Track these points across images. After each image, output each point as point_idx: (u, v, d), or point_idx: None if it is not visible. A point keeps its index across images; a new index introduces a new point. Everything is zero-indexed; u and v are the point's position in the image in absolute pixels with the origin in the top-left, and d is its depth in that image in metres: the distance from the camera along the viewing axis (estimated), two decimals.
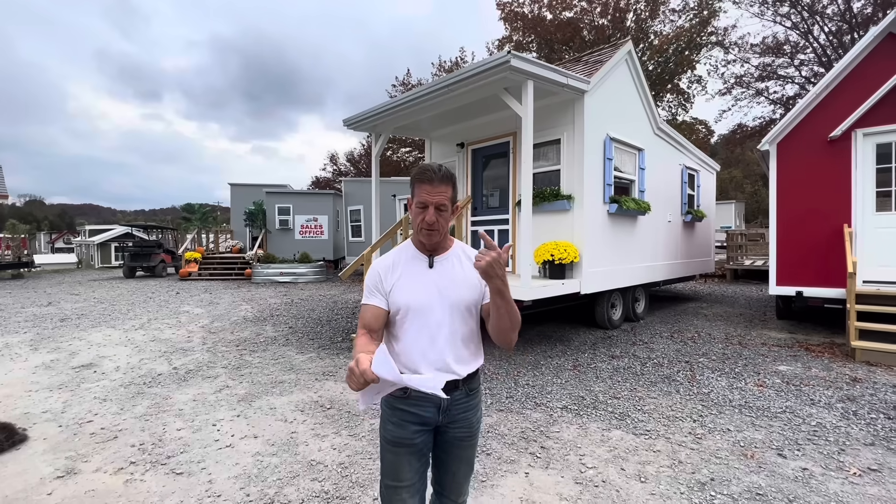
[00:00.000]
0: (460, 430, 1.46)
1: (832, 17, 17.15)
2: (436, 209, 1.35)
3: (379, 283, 1.43)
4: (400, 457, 1.42)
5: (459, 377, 1.42)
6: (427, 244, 1.43)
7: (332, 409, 3.62)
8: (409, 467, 1.42)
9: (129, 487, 2.53)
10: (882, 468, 2.63)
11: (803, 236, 6.17)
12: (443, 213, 1.37)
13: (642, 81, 6.97)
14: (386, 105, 6.16)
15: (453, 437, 1.46)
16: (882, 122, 5.66)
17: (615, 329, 6.63)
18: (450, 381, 1.39)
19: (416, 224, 1.39)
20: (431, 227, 1.36)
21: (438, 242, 1.43)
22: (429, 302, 1.39)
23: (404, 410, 1.42)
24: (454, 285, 1.41)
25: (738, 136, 22.58)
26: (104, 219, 74.62)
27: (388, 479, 1.44)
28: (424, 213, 1.36)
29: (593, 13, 18.77)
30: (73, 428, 3.33)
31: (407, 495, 1.42)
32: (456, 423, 1.45)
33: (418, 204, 1.37)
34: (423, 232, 1.39)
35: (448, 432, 1.46)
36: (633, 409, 3.59)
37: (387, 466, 1.45)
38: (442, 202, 1.35)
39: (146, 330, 6.91)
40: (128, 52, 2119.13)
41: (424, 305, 1.39)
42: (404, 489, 1.42)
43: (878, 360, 4.73)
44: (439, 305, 1.39)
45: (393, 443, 1.42)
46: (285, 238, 17.17)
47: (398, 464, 1.42)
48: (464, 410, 1.45)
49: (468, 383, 1.45)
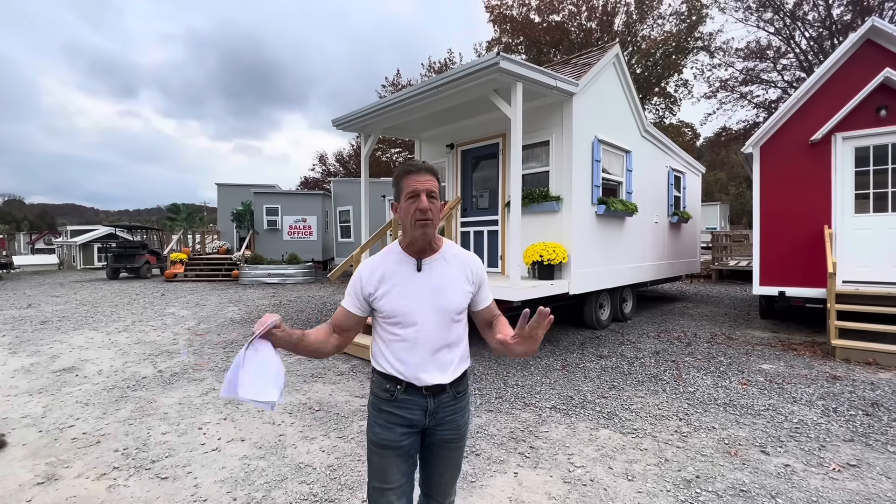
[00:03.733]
0: (448, 432, 1.45)
1: (813, 23, 17.57)
2: (427, 195, 1.32)
3: (358, 289, 1.42)
4: (387, 459, 1.41)
5: (446, 381, 1.41)
6: (421, 240, 1.38)
7: (321, 412, 3.60)
8: (397, 469, 1.41)
9: (112, 493, 2.48)
10: (860, 464, 2.70)
11: (785, 237, 6.30)
12: (433, 201, 1.34)
13: (630, 84, 7.06)
14: (375, 105, 6.14)
15: (440, 439, 1.45)
16: (860, 126, 5.81)
17: (603, 329, 6.69)
18: (437, 384, 1.40)
19: (410, 217, 1.33)
20: (425, 214, 1.32)
21: (430, 240, 1.40)
22: (417, 308, 1.37)
23: (391, 413, 1.41)
24: (443, 290, 1.40)
25: (723, 139, 22.96)
26: (87, 219, 73.11)
27: (375, 481, 1.43)
28: (417, 202, 1.31)
29: (580, 16, 18.96)
30: (54, 433, 3.25)
31: (394, 497, 1.41)
32: (443, 425, 1.44)
33: (408, 195, 1.33)
34: (416, 224, 1.33)
35: (435, 434, 1.45)
36: (620, 408, 3.63)
37: (374, 469, 1.44)
38: (431, 189, 1.33)
39: (130, 332, 6.78)
40: (99, 45, 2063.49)
41: (412, 311, 1.37)
42: (391, 491, 1.41)
43: (857, 358, 4.86)
44: (427, 311, 1.38)
45: (380, 445, 1.41)
46: (273, 239, 17.00)
47: (385, 466, 1.41)
48: (451, 413, 1.45)
49: (455, 386, 1.45)
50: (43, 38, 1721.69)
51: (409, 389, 1.39)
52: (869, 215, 5.85)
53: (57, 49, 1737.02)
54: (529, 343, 1.24)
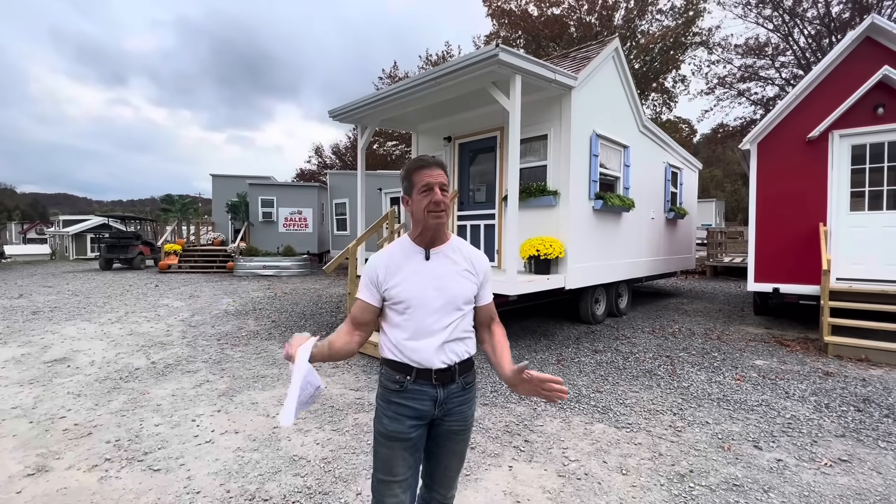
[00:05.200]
0: (455, 423, 1.47)
1: (812, 20, 17.54)
2: (440, 188, 1.38)
3: (374, 277, 1.45)
4: (394, 451, 1.41)
5: (452, 366, 1.43)
6: (434, 231, 1.43)
7: (315, 404, 3.58)
8: (404, 462, 1.41)
9: (104, 485, 2.46)
10: (852, 459, 2.72)
11: (781, 234, 6.32)
12: (446, 193, 1.41)
13: (628, 79, 7.02)
14: (372, 96, 6.08)
15: (447, 429, 1.46)
16: (858, 123, 5.82)
17: (598, 324, 6.71)
18: (445, 372, 1.41)
19: (423, 208, 1.39)
20: (439, 206, 1.38)
21: (442, 229, 1.45)
22: (426, 295, 1.40)
23: (400, 404, 1.41)
24: (450, 279, 1.43)
25: (720, 136, 23.00)
26: (79, 209, 72.30)
27: (381, 473, 1.43)
28: (431, 195, 1.38)
29: (580, 10, 18.84)
30: (45, 424, 3.22)
31: (399, 490, 1.41)
32: (451, 415, 1.45)
33: (422, 189, 1.38)
34: (431, 215, 1.39)
35: (443, 425, 1.46)
36: (615, 402, 3.64)
37: (380, 461, 1.44)
38: (443, 183, 1.40)
39: (123, 323, 6.72)
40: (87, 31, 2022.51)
41: (421, 298, 1.40)
42: (397, 484, 1.41)
43: (849, 355, 4.90)
44: (435, 299, 1.40)
45: (388, 437, 1.41)
46: (269, 231, 16.91)
47: (392, 458, 1.41)
48: (460, 404, 1.46)
49: (464, 376, 1.46)
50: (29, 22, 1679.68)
51: (418, 379, 1.40)
52: (864, 213, 5.88)
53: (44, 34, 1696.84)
54: (526, 387, 1.37)
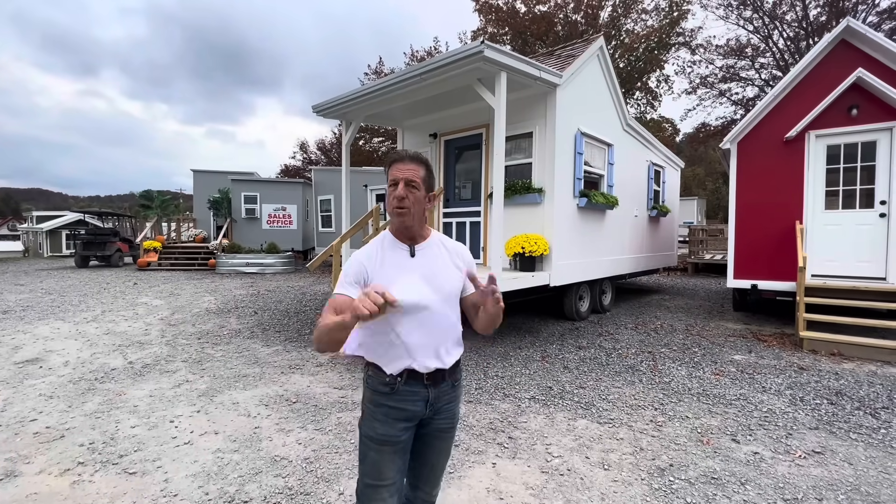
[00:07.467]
0: (444, 421, 1.46)
1: (791, 23, 17.96)
2: (406, 185, 1.34)
3: (361, 271, 1.36)
4: (384, 455, 1.39)
5: (446, 366, 1.41)
6: (399, 226, 1.40)
7: (298, 403, 3.54)
8: (392, 465, 1.40)
9: (77, 489, 2.38)
10: (825, 451, 2.80)
11: (759, 232, 6.47)
12: (413, 191, 1.34)
13: (613, 78, 7.08)
14: (357, 92, 6.00)
15: (436, 428, 1.46)
16: (833, 124, 5.98)
17: (583, 321, 6.78)
18: (437, 371, 1.40)
19: (389, 205, 1.37)
20: (401, 203, 1.33)
21: (412, 227, 1.39)
22: (415, 291, 1.36)
23: (391, 407, 1.38)
24: (438, 274, 1.41)
25: (702, 135, 23.40)
26: (54, 204, 70.15)
27: (368, 478, 1.41)
28: (395, 190, 1.34)
29: (566, 8, 18.94)
30: (15, 427, 3.11)
31: (387, 494, 1.39)
32: (440, 414, 1.45)
33: (390, 183, 1.36)
34: (394, 213, 1.36)
35: (431, 424, 1.45)
36: (598, 398, 3.68)
37: (369, 465, 1.41)
38: (412, 178, 1.34)
39: (99, 322, 6.54)
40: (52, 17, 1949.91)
41: (410, 295, 1.35)
42: (385, 488, 1.39)
43: (823, 349, 5.04)
44: (425, 294, 1.37)
45: (379, 441, 1.38)
46: (252, 227, 16.63)
47: (382, 462, 1.39)
48: (448, 402, 1.46)
49: (453, 375, 1.45)
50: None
51: (409, 380, 1.38)
52: (838, 212, 6.05)
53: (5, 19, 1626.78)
54: (483, 298, 1.33)
